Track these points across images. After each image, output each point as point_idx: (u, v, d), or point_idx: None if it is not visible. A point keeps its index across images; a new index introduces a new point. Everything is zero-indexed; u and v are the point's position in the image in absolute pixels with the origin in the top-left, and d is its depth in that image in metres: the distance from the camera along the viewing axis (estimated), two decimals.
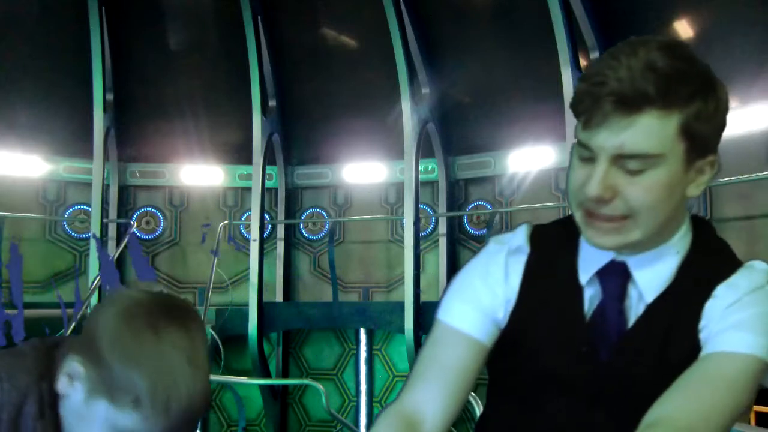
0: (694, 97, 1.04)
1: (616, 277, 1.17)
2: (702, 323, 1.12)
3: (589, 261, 1.19)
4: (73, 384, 1.12)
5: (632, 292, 1.17)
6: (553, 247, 1.24)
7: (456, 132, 8.63)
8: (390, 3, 7.78)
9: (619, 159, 1.06)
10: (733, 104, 6.65)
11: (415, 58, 8.19)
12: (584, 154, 1.11)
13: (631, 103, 1.02)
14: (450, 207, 8.65)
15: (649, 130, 1.03)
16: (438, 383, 1.20)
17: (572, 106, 1.08)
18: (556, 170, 7.92)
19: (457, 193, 8.80)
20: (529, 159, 8.11)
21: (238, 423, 7.41)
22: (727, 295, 1.11)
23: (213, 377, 7.31)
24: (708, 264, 1.16)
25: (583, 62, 6.86)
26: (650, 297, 1.15)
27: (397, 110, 8.07)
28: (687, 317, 1.13)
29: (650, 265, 1.15)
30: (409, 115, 7.82)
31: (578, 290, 1.19)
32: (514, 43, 8.02)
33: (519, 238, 1.27)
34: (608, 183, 1.06)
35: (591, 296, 1.19)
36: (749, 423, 7.12)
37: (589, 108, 1.06)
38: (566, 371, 1.18)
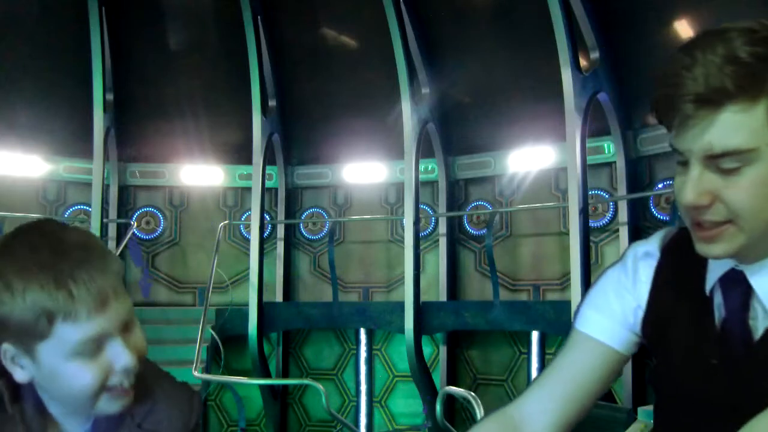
0: None
1: (735, 287, 1.09)
2: None
3: (714, 269, 1.13)
4: (16, 362, 1.09)
5: (755, 302, 1.09)
6: (682, 252, 1.15)
7: (456, 132, 8.63)
8: (390, 3, 7.78)
9: (712, 160, 0.99)
10: None
11: (415, 58, 8.19)
12: (679, 158, 1.05)
13: (710, 101, 0.97)
14: (450, 207, 8.65)
15: (735, 125, 0.97)
16: (557, 389, 1.20)
17: (653, 111, 1.05)
18: (556, 170, 7.92)
19: (457, 193, 8.80)
20: (529, 159, 8.11)
21: (238, 423, 7.41)
22: None
23: (213, 377, 7.33)
24: None
25: (583, 62, 6.87)
26: None
27: (397, 110, 8.07)
28: None
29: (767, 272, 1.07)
30: (409, 115, 7.83)
31: (705, 300, 1.13)
32: (514, 43, 8.02)
33: (652, 243, 1.23)
34: (703, 188, 1.00)
35: (718, 305, 1.12)
36: None
37: (669, 112, 1.01)
38: (697, 385, 1.12)
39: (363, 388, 8.86)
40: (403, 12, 7.95)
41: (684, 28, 7.12)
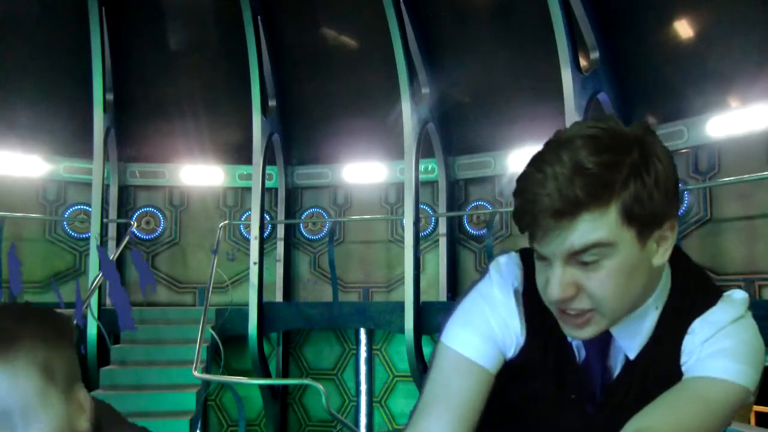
0: (627, 184, 1.03)
1: (597, 337, 1.16)
2: (682, 360, 1.15)
3: None
4: None
5: (614, 347, 1.20)
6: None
7: (456, 132, 8.63)
8: (390, 3, 7.78)
9: (573, 256, 1.06)
10: (733, 104, 6.64)
11: (415, 58, 8.19)
12: (541, 255, 1.11)
13: (566, 213, 1.03)
14: (450, 207, 8.65)
15: (592, 226, 1.04)
16: (448, 416, 1.16)
17: (515, 221, 1.10)
18: None
19: (457, 193, 8.80)
20: (529, 159, 8.10)
21: (238, 423, 7.40)
22: (703, 330, 1.14)
23: (213, 377, 7.32)
24: (686, 304, 1.17)
25: (583, 62, 6.87)
26: (632, 354, 1.18)
27: (397, 110, 8.07)
28: (667, 362, 1.16)
29: (630, 327, 1.17)
30: (409, 115, 7.82)
31: (566, 341, 1.21)
32: (514, 43, 8.02)
33: (513, 264, 1.27)
34: (567, 282, 1.07)
35: (578, 347, 1.21)
36: (749, 423, 7.12)
37: (530, 224, 1.07)
38: (554, 419, 1.23)
39: (363, 388, 8.86)
40: (403, 12, 7.95)
41: (684, 28, 7.12)
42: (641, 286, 1.11)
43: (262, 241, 8.45)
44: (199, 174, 9.46)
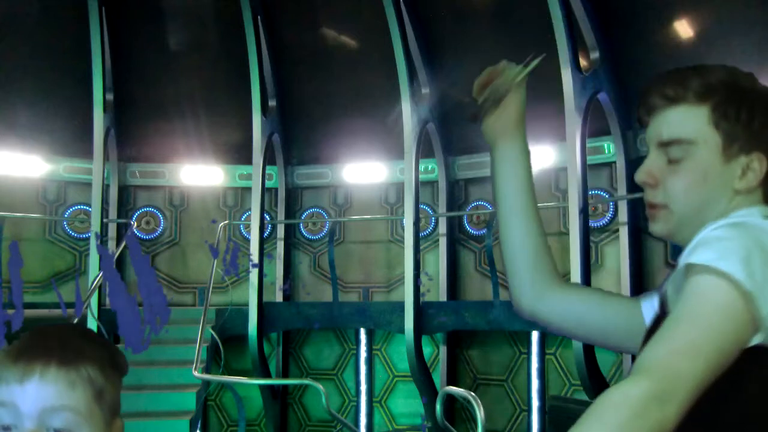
0: (724, 95, 1.16)
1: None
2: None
3: None
4: None
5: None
6: None
7: (456, 132, 8.63)
8: (390, 3, 7.78)
9: (663, 147, 1.20)
10: None
11: (415, 58, 8.19)
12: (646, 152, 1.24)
13: (669, 97, 1.19)
14: (450, 207, 8.65)
15: (683, 118, 1.18)
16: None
17: (636, 115, 1.27)
18: (556, 170, 7.92)
19: (457, 193, 8.80)
20: None
21: (238, 423, 7.40)
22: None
23: (213, 377, 7.32)
24: None
25: (583, 62, 6.87)
26: None
27: (397, 110, 8.07)
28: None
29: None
30: (409, 115, 7.82)
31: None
32: (514, 43, 8.02)
33: None
34: (650, 169, 1.21)
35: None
36: None
37: (642, 108, 1.24)
38: None
39: (363, 388, 8.86)
40: (403, 12, 7.95)
41: (684, 28, 7.12)
42: (713, 199, 1.16)
43: (262, 241, 8.45)
44: (199, 174, 9.46)
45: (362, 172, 9.20)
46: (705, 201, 1.16)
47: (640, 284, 7.21)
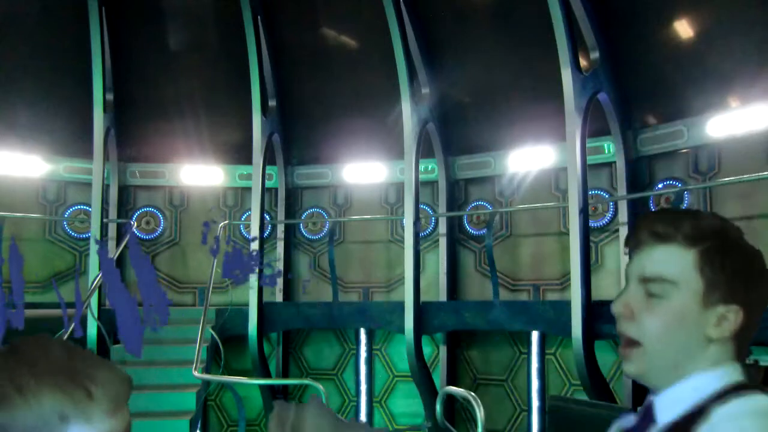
0: (712, 243, 1.17)
1: (646, 415, 1.22)
2: None
3: None
4: None
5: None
6: None
7: (456, 132, 8.63)
8: (390, 3, 7.78)
9: (644, 282, 1.19)
10: (733, 104, 6.65)
11: (415, 58, 8.19)
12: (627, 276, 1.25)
13: (659, 234, 1.19)
14: (450, 207, 8.65)
15: (669, 258, 1.18)
16: None
17: (625, 245, 1.27)
18: (556, 170, 7.92)
19: (457, 193, 8.80)
20: (529, 159, 8.11)
21: (238, 423, 7.40)
22: (721, 416, 1.09)
23: (213, 377, 7.32)
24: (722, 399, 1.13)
25: (583, 62, 6.87)
26: None
27: (397, 110, 8.07)
28: None
29: (669, 404, 1.17)
30: (409, 115, 7.82)
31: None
32: (514, 43, 8.02)
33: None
34: (629, 301, 1.20)
35: None
36: None
37: (631, 237, 1.24)
38: None
39: (363, 388, 8.86)
40: (403, 12, 7.95)
41: (684, 28, 7.13)
42: (686, 345, 1.17)
43: (262, 241, 8.45)
44: (199, 174, 9.46)
45: (362, 172, 9.20)
46: (679, 344, 1.16)
47: None
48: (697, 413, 1.12)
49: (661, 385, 1.19)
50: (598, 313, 6.27)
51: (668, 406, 1.17)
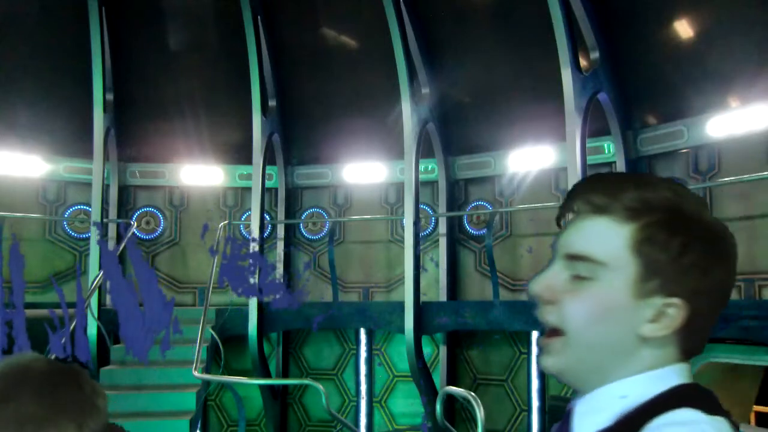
0: (654, 220, 0.95)
1: (564, 423, 1.03)
2: None
3: None
4: None
5: None
6: None
7: (456, 132, 8.63)
8: (390, 3, 7.78)
9: (570, 260, 0.98)
10: (733, 104, 6.64)
11: (415, 58, 8.19)
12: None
13: (594, 204, 0.98)
14: (450, 207, 8.65)
15: (600, 233, 0.96)
16: None
17: (557, 214, 1.05)
18: (556, 170, 7.92)
19: (457, 193, 8.80)
20: (529, 159, 8.11)
21: (238, 423, 7.41)
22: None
23: (213, 377, 7.32)
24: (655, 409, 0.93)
25: (583, 62, 6.87)
26: None
27: (397, 110, 8.08)
28: None
29: (589, 412, 0.98)
30: (409, 115, 7.82)
31: None
32: (514, 43, 8.02)
33: None
34: (551, 283, 0.99)
35: None
36: (749, 423, 7.12)
37: (562, 205, 1.02)
38: None
39: (363, 388, 8.86)
40: (403, 12, 7.95)
41: (684, 28, 7.12)
42: (614, 342, 0.95)
43: (262, 241, 8.45)
44: (199, 174, 9.46)
45: (362, 172, 9.20)
46: (605, 341, 0.95)
47: None
48: (623, 428, 0.93)
49: (583, 387, 0.99)
50: None
51: (588, 414, 0.98)
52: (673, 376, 0.95)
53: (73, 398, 1.11)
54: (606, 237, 0.96)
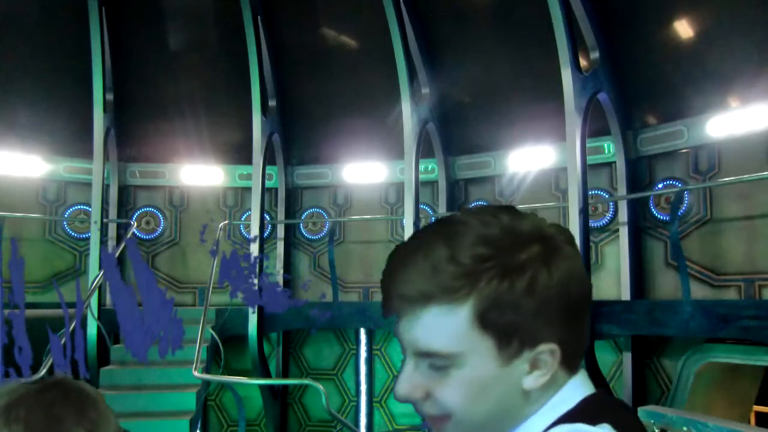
0: (491, 282, 0.88)
1: None
2: None
3: None
4: None
5: None
6: None
7: (456, 132, 8.63)
8: (390, 3, 7.78)
9: (422, 357, 0.92)
10: (733, 104, 6.64)
11: (415, 58, 8.19)
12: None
13: (414, 299, 0.90)
14: (450, 207, 8.65)
15: (437, 327, 0.90)
16: None
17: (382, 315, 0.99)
18: (556, 170, 7.92)
19: (457, 193, 8.80)
20: (529, 159, 8.12)
21: (238, 423, 7.40)
22: None
23: (213, 377, 7.32)
24: None
25: (583, 62, 6.87)
26: None
27: (397, 110, 8.08)
28: None
29: None
30: (409, 115, 7.83)
31: None
32: (514, 43, 8.02)
33: None
34: (415, 382, 0.93)
35: None
36: (749, 423, 7.12)
37: (383, 304, 0.95)
38: None
39: (363, 388, 8.86)
40: (403, 12, 7.95)
41: (684, 28, 7.12)
42: (503, 409, 0.93)
43: (262, 241, 8.45)
44: (199, 174, 9.47)
45: (362, 172, 9.20)
46: (494, 411, 0.92)
47: (640, 284, 7.21)
48: None
49: None
50: (597, 313, 6.27)
51: None
52: (569, 396, 0.94)
53: (68, 410, 1.17)
54: (445, 328, 0.90)
